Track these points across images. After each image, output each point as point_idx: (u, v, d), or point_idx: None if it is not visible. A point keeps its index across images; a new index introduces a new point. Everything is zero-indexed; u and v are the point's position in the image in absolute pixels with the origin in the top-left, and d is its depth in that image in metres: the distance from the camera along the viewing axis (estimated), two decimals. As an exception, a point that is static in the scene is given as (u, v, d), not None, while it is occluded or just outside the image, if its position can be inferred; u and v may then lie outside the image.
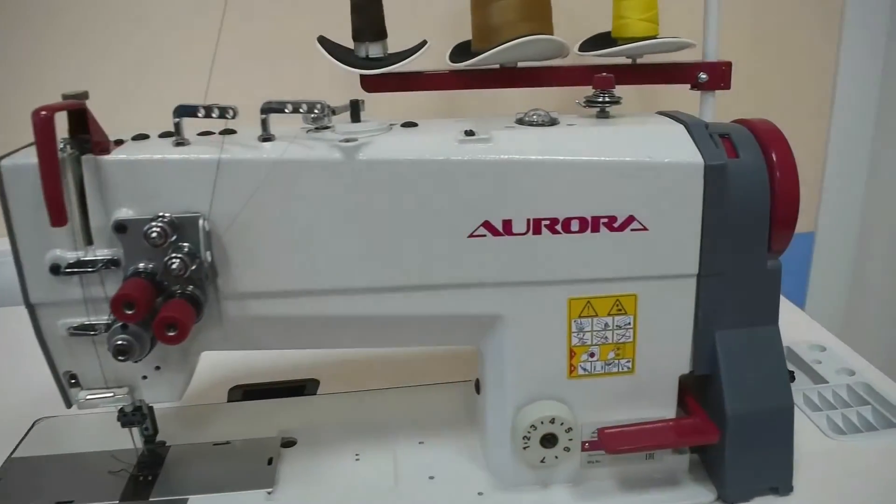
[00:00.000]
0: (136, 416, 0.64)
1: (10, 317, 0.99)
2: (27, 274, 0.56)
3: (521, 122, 0.60)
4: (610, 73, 0.60)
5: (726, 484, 0.59)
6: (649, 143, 0.56)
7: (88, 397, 0.60)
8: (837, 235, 1.20)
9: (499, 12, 0.81)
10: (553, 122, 0.59)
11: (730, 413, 0.58)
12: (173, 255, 0.53)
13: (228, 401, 0.77)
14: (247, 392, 0.78)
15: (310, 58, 0.80)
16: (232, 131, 0.58)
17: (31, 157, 0.53)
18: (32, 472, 0.67)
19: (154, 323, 0.52)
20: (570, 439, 0.59)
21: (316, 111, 0.53)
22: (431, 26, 1.06)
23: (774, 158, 0.58)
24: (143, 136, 0.58)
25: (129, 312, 0.52)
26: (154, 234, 0.53)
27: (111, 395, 0.60)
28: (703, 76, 0.85)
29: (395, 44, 0.81)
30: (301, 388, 0.78)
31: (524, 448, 0.59)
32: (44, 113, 0.50)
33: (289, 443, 0.69)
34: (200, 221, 0.54)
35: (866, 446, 0.65)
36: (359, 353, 0.84)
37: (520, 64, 0.84)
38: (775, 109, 1.18)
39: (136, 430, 0.66)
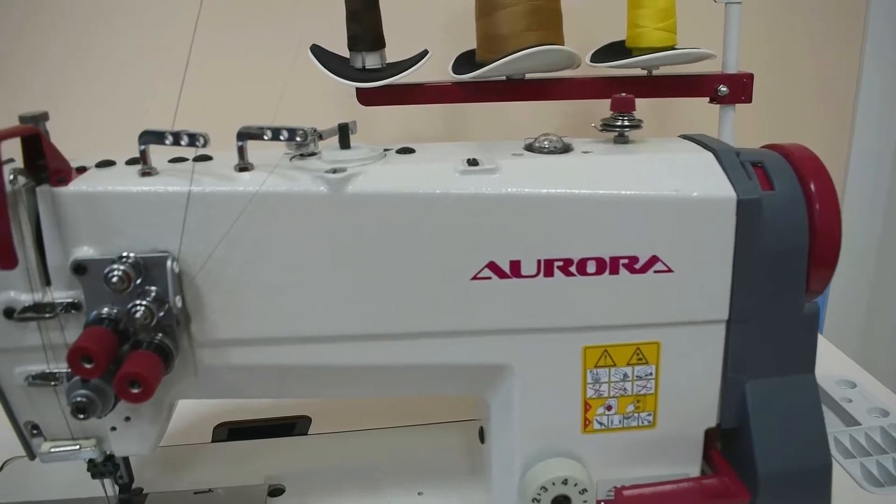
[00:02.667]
0: (106, 466, 0.58)
1: None
2: (-22, 317, 0.50)
3: (530, 148, 0.53)
4: (629, 95, 0.54)
5: (757, 550, 0.53)
6: (675, 175, 0.50)
7: (52, 449, 0.54)
8: (857, 256, 1.14)
9: (506, 21, 0.75)
10: (566, 149, 0.53)
11: (762, 473, 0.52)
12: (137, 301, 0.47)
13: (213, 440, 0.71)
14: (232, 430, 0.72)
15: (302, 68, 0.74)
16: (207, 157, 0.52)
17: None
18: (-3, 522, 0.62)
19: (115, 379, 0.46)
20: (585, 501, 0.53)
21: (298, 138, 0.47)
22: (431, 34, 1.00)
23: (813, 190, 0.51)
24: (109, 163, 0.52)
25: (88, 367, 0.46)
26: (115, 279, 0.47)
27: (76, 447, 0.55)
28: (723, 89, 0.79)
29: (392, 53, 0.75)
30: (291, 426, 0.72)
31: (533, 511, 0.53)
32: (-10, 140, 0.44)
33: (276, 491, 0.64)
34: (169, 262, 0.48)
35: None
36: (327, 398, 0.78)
37: (528, 75, 0.78)
38: (793, 125, 1.12)
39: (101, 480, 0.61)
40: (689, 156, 0.52)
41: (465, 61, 0.80)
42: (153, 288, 0.48)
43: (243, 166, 0.49)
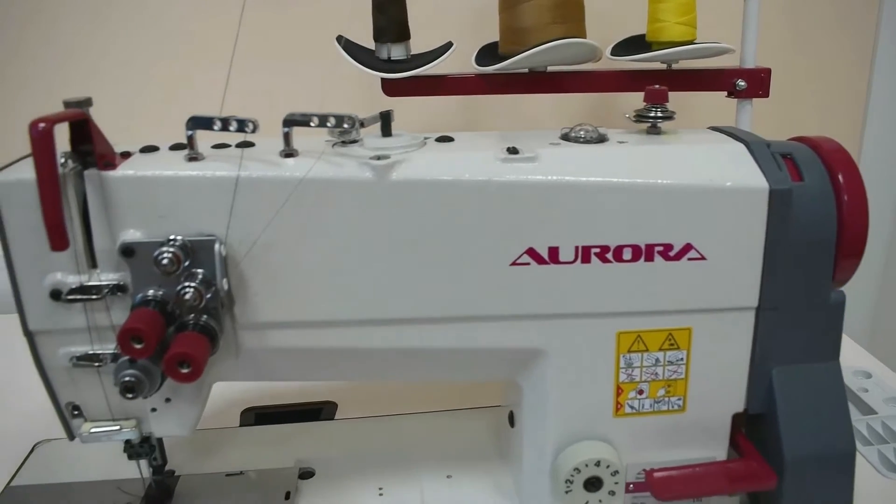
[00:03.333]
0: (143, 447, 0.59)
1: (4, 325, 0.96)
2: (25, 299, 0.51)
3: (566, 138, 0.55)
4: (663, 87, 0.55)
5: (782, 531, 0.55)
6: (709, 165, 0.51)
7: (93, 430, 0.55)
8: (867, 248, 1.15)
9: (530, 14, 0.76)
10: (602, 139, 0.54)
11: (788, 457, 0.53)
12: (186, 283, 0.48)
13: (241, 424, 0.72)
14: (259, 415, 0.73)
15: (326, 59, 0.75)
16: (250, 144, 0.53)
17: (28, 172, 0.48)
18: (33, 502, 0.63)
19: (165, 359, 0.47)
20: (616, 483, 0.54)
21: (346, 125, 0.48)
22: (452, 26, 1.01)
23: (841, 181, 0.53)
24: (153, 149, 0.53)
25: (138, 347, 0.47)
26: (165, 261, 0.48)
27: (117, 427, 0.56)
28: (741, 83, 0.81)
29: (414, 45, 0.76)
30: (318, 411, 0.73)
31: (566, 492, 0.54)
32: (42, 125, 0.44)
33: (306, 473, 0.65)
34: (216, 246, 0.49)
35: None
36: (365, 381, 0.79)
37: (549, 68, 0.79)
38: (804, 119, 1.14)
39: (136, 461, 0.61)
40: (722, 146, 0.54)
41: (488, 53, 0.81)
42: (200, 270, 0.49)
43: (289, 152, 0.50)
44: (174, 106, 1.00)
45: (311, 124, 0.49)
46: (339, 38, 0.76)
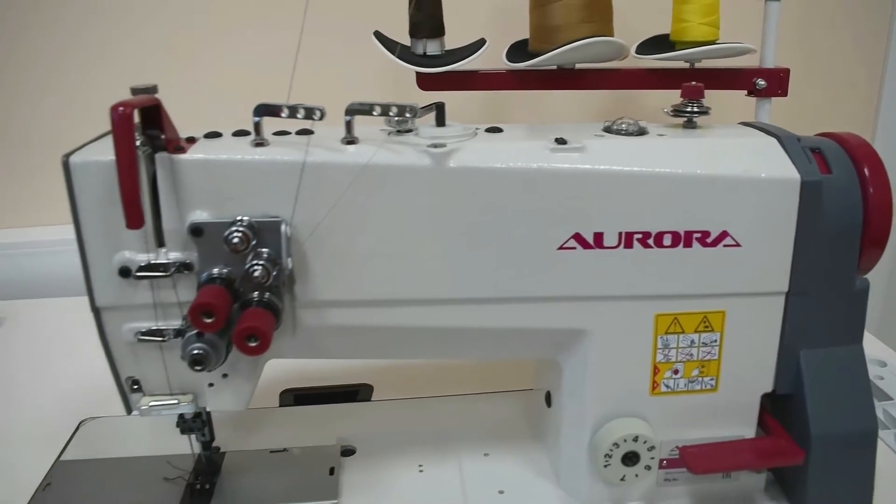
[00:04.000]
0: (196, 422, 0.62)
1: (44, 308, 0.98)
2: (94, 277, 0.53)
3: (608, 130, 0.58)
4: (699, 83, 0.58)
5: (807, 505, 0.58)
6: (744, 157, 0.55)
7: (152, 404, 0.58)
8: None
9: (560, 13, 0.79)
10: (642, 132, 0.57)
11: (815, 434, 0.56)
12: (255, 261, 0.51)
13: (280, 405, 0.75)
14: (298, 396, 0.76)
15: (355, 53, 0.77)
16: (310, 131, 0.56)
17: (100, 154, 0.51)
18: (83, 476, 0.65)
19: (235, 333, 0.50)
20: (652, 458, 0.57)
21: (407, 114, 0.51)
22: (477, 23, 1.04)
23: (867, 175, 0.56)
24: (217, 135, 0.56)
25: (208, 321, 0.50)
26: (235, 240, 0.50)
27: (175, 401, 0.58)
28: (761, 82, 0.84)
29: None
30: (354, 393, 0.76)
31: (605, 466, 0.57)
32: (122, 108, 0.47)
33: (348, 451, 0.67)
34: (283, 227, 0.51)
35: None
36: (412, 359, 0.82)
37: (578, 65, 0.82)
38: (819, 117, 1.17)
39: (192, 435, 0.64)
40: (755, 140, 0.57)
41: (518, 51, 0.84)
42: (265, 250, 0.52)
43: (350, 139, 0.53)
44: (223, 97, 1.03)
45: (374, 113, 0.52)
46: (377, 34, 0.79)
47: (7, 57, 1.03)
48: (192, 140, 0.54)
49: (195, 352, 0.51)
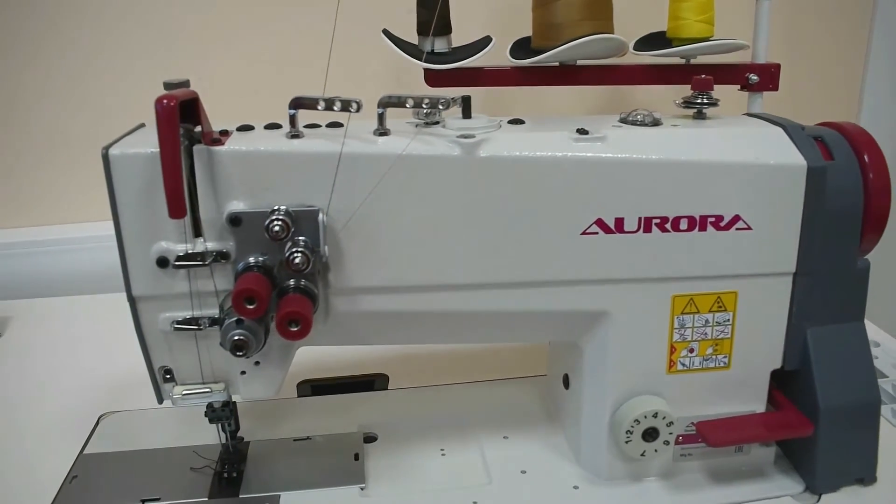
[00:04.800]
0: (224, 411, 0.63)
1: (49, 307, 0.99)
2: (131, 267, 0.55)
3: (624, 121, 0.60)
4: (709, 76, 0.61)
5: (816, 475, 0.61)
6: (753, 145, 0.58)
7: (185, 392, 0.59)
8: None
9: (563, 10, 0.82)
10: (656, 123, 0.60)
11: (822, 407, 0.59)
12: (294, 249, 0.52)
13: (298, 396, 0.76)
14: (315, 387, 0.77)
15: (359, 51, 0.79)
16: (339, 124, 0.58)
17: (138, 146, 0.52)
18: (108, 468, 0.66)
19: (277, 318, 0.51)
20: (671, 433, 0.60)
21: (441, 106, 0.53)
22: (477, 21, 1.07)
23: (867, 161, 0.59)
24: (249, 128, 0.57)
25: (251, 307, 0.51)
26: (276, 228, 0.52)
27: (207, 390, 0.59)
28: (753, 77, 0.87)
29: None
30: (370, 383, 0.78)
31: (626, 442, 0.60)
32: (167, 102, 0.49)
33: (370, 438, 0.69)
34: (320, 216, 0.53)
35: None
36: (424, 348, 0.84)
37: (579, 62, 0.85)
38: (806, 110, 1.22)
39: (216, 426, 0.65)
40: (763, 129, 0.60)
41: (521, 48, 0.87)
42: (301, 238, 0.53)
43: (382, 131, 0.55)
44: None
45: (407, 105, 0.54)
46: (385, 31, 0.81)
47: (6, 58, 1.03)
48: (225, 133, 0.56)
49: (236, 338, 0.53)
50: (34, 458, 0.68)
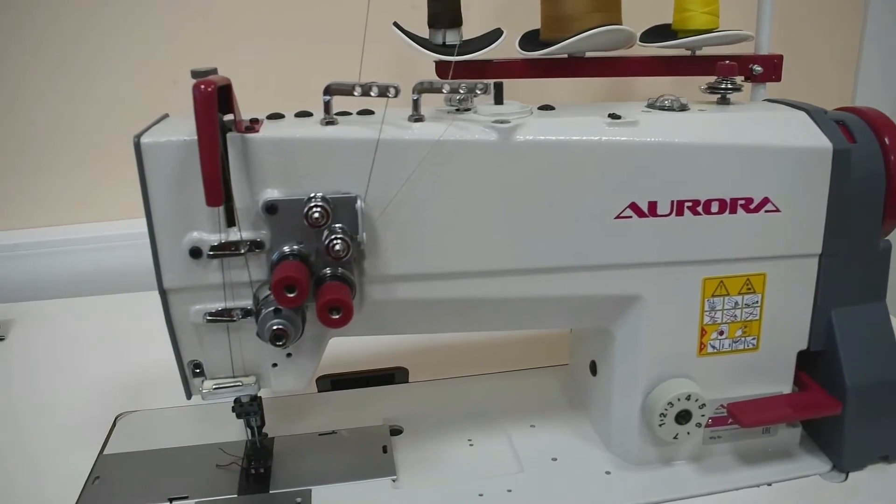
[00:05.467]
0: (252, 406, 0.62)
1: (51, 309, 0.97)
2: (162, 258, 0.54)
3: (652, 106, 0.61)
4: (733, 62, 0.62)
5: (843, 454, 0.62)
6: (780, 129, 0.58)
7: (215, 387, 0.58)
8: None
9: (572, 2, 0.82)
10: (684, 108, 0.60)
11: (849, 386, 0.60)
12: (334, 236, 0.52)
13: (319, 391, 0.75)
14: (335, 382, 0.76)
15: (368, 42, 0.78)
16: (370, 111, 0.57)
17: (170, 134, 0.51)
18: (131, 468, 0.65)
19: (319, 305, 0.51)
20: (703, 415, 0.60)
21: (479, 91, 0.53)
22: (486, 14, 1.07)
23: (888, 143, 0.60)
24: (279, 116, 0.56)
25: (291, 295, 0.51)
26: (316, 214, 0.51)
27: (238, 384, 0.58)
28: (757, 68, 0.89)
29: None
30: (391, 376, 0.77)
31: (660, 425, 0.60)
32: (205, 87, 0.48)
33: (395, 431, 0.69)
34: (358, 202, 0.53)
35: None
36: (441, 341, 0.84)
37: (587, 53, 0.85)
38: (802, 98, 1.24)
39: (240, 423, 0.64)
40: (787, 114, 0.61)
41: (530, 40, 0.87)
42: (338, 225, 0.53)
43: (417, 117, 0.55)
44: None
45: (444, 90, 0.54)
46: (396, 24, 0.80)
47: (6, 58, 1.01)
48: (255, 121, 0.55)
49: (276, 327, 0.52)
50: (52, 461, 0.66)
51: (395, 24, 0.80)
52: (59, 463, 0.66)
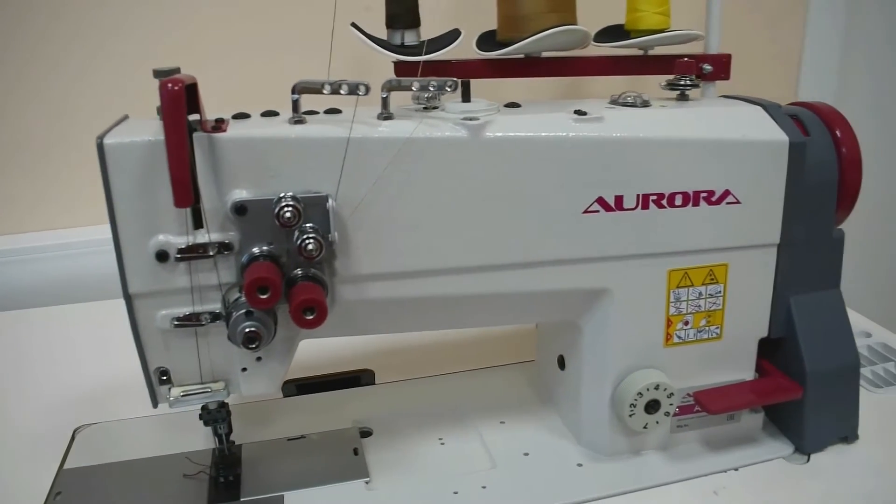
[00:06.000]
0: (220, 412, 0.61)
1: (22, 319, 0.93)
2: (127, 262, 0.52)
3: (615, 103, 0.62)
4: (691, 59, 0.63)
5: (805, 437, 0.64)
6: (738, 123, 0.60)
7: (182, 394, 0.57)
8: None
9: (528, 3, 0.83)
10: (646, 104, 0.61)
11: (809, 370, 0.62)
12: (306, 236, 0.51)
13: (284, 396, 0.74)
14: (300, 386, 0.75)
15: (322, 45, 0.78)
16: (337, 110, 0.57)
17: (134, 134, 0.50)
18: (95, 482, 0.63)
19: (293, 306, 0.50)
20: (671, 404, 0.62)
21: (448, 88, 0.53)
22: (441, 14, 1.07)
23: (839, 136, 0.63)
24: (245, 115, 0.56)
25: (264, 297, 0.50)
26: (288, 214, 0.51)
27: (207, 390, 0.57)
28: (707, 67, 0.91)
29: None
30: (356, 379, 0.77)
31: (630, 415, 0.61)
32: (171, 86, 0.47)
33: (365, 433, 0.68)
34: (329, 201, 0.52)
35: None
36: (405, 342, 0.83)
37: (543, 53, 0.86)
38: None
39: (204, 431, 0.63)
40: (744, 109, 0.63)
41: (487, 40, 0.87)
42: (309, 225, 0.52)
43: (387, 115, 0.54)
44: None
45: (413, 88, 0.54)
46: (354, 25, 0.80)
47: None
48: (221, 121, 0.54)
49: (249, 329, 0.51)
50: (5, 478, 0.64)
51: (354, 25, 0.80)
52: (13, 481, 0.63)
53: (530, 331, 0.76)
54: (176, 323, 0.54)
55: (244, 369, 0.57)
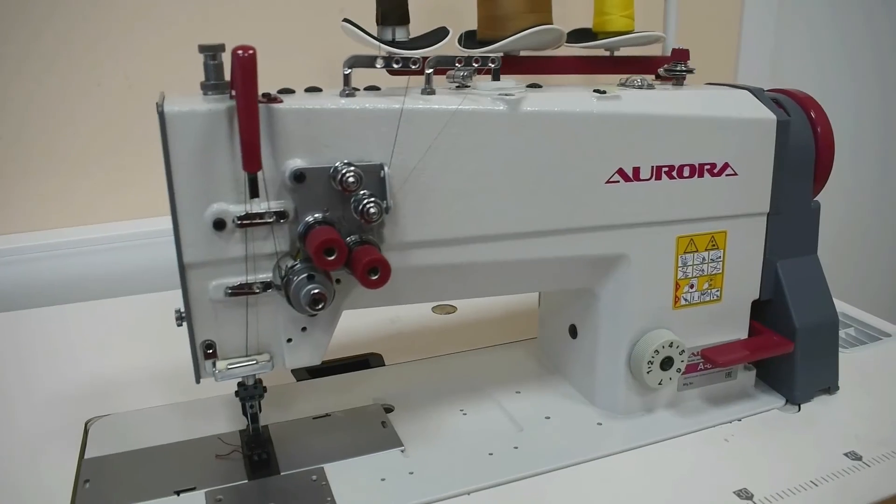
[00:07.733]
0: (257, 388, 0.61)
1: (22, 319, 0.89)
2: (184, 231, 0.53)
3: (623, 85, 0.67)
4: (686, 48, 0.70)
5: (795, 388, 0.70)
6: (732, 104, 0.67)
7: (230, 367, 0.57)
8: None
9: (508, 3, 0.88)
10: (651, 87, 0.67)
11: (799, 328, 0.69)
12: (367, 200, 0.53)
13: (297, 381, 0.75)
14: (312, 371, 0.76)
15: (298, 49, 0.80)
16: (377, 87, 0.59)
17: (194, 104, 0.51)
18: (121, 468, 0.61)
19: (360, 267, 0.52)
20: (682, 361, 0.67)
21: (492, 64, 0.57)
22: (421, 12, 1.10)
23: (814, 117, 0.70)
24: (289, 91, 0.57)
25: (331, 258, 0.52)
26: (351, 179, 0.53)
27: (253, 362, 0.58)
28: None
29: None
30: (366, 362, 0.78)
31: (648, 372, 0.65)
32: (243, 52, 0.48)
33: (387, 409, 0.70)
34: (385, 169, 0.54)
35: (865, 354, 0.81)
36: (406, 326, 0.85)
37: (521, 52, 0.91)
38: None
39: (227, 415, 0.63)
40: (734, 92, 0.69)
41: (470, 39, 0.92)
42: (364, 192, 0.54)
43: (430, 91, 0.57)
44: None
45: (458, 64, 0.57)
46: (346, 20, 0.82)
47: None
48: (268, 95, 0.55)
49: (315, 291, 0.52)
50: (27, 470, 0.61)
51: (347, 20, 0.82)
52: (35, 473, 0.61)
53: (525, 311, 0.80)
54: (229, 292, 0.54)
55: (289, 340, 0.58)
